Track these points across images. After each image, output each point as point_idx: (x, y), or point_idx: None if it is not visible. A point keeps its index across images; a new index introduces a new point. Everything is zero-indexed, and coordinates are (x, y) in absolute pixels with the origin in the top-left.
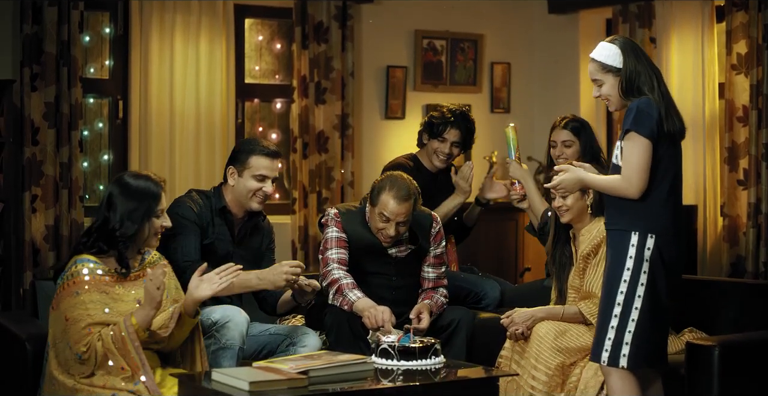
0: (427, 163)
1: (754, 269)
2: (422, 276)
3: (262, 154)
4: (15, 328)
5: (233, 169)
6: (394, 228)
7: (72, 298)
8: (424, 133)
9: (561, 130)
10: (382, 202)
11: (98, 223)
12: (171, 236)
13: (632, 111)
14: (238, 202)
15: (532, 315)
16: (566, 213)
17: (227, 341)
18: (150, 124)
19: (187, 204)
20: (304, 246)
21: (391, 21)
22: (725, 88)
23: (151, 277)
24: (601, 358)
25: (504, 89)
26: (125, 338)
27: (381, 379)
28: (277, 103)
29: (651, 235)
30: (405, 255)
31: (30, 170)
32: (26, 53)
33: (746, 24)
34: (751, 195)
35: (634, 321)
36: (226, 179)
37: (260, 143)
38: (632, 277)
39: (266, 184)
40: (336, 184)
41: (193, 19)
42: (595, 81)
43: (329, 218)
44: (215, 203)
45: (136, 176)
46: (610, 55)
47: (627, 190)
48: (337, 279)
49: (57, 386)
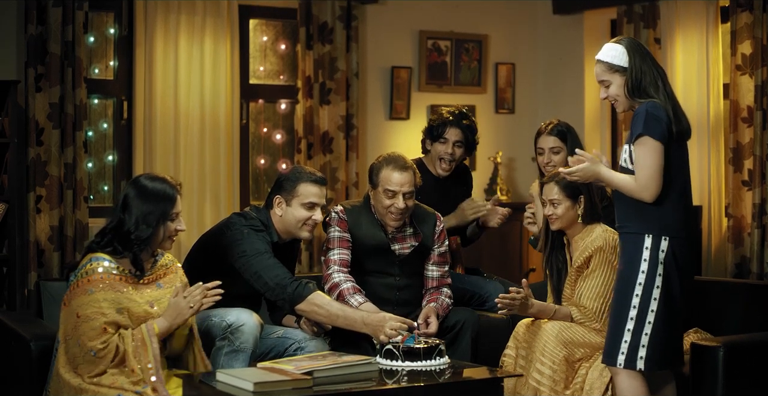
0: (432, 169)
1: (758, 270)
2: (426, 275)
3: (311, 182)
4: (20, 328)
5: (280, 199)
6: (402, 200)
7: (85, 296)
8: (426, 138)
9: (547, 137)
10: (384, 178)
11: (113, 224)
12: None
13: (641, 115)
14: (287, 231)
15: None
16: (556, 221)
17: (241, 344)
18: (154, 125)
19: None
20: (308, 247)
21: (396, 21)
22: (730, 88)
23: (186, 295)
24: (617, 361)
25: (509, 90)
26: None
27: (385, 380)
28: (282, 104)
29: (665, 237)
30: (409, 252)
31: (34, 171)
32: (31, 54)
33: (751, 24)
34: (756, 195)
35: (650, 324)
36: (270, 205)
37: (307, 171)
38: (647, 280)
39: (316, 212)
40: (341, 184)
41: (198, 19)
42: (602, 82)
43: (332, 217)
44: (271, 236)
45: (152, 179)
46: (617, 55)
47: (641, 194)
48: (338, 283)
49: (62, 384)
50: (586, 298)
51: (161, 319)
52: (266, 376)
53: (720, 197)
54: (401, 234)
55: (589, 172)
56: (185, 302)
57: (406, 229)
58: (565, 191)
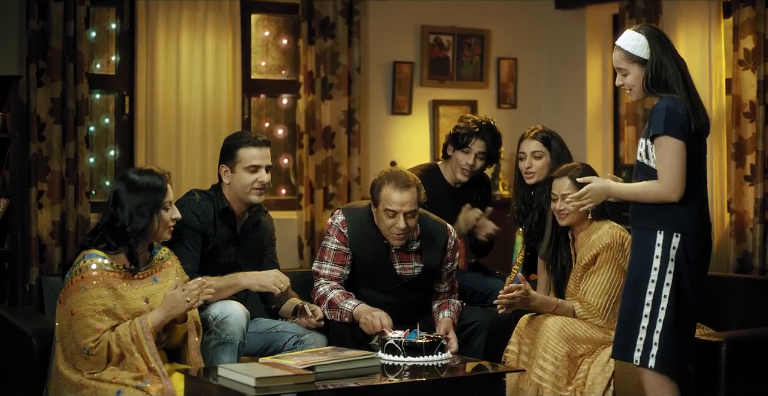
0: (449, 176)
1: (761, 265)
2: (435, 290)
3: (250, 145)
4: (21, 323)
5: (225, 167)
6: (402, 220)
7: (79, 293)
8: (449, 144)
9: (530, 141)
10: (384, 197)
11: (105, 220)
12: (171, 244)
13: (662, 112)
14: (238, 198)
15: (530, 299)
16: (566, 216)
17: (227, 336)
18: (156, 120)
19: (189, 210)
20: (310, 242)
21: (398, 16)
22: (732, 83)
23: (184, 288)
24: (633, 357)
25: (511, 85)
26: (140, 339)
27: (387, 375)
28: (284, 99)
29: (677, 234)
30: (411, 277)
31: (36, 166)
32: (32, 49)
33: (753, 19)
34: (759, 191)
35: (661, 321)
36: (221, 179)
37: (245, 135)
38: (659, 278)
39: (261, 174)
40: (343, 179)
41: (200, 14)
42: (619, 69)
43: (332, 225)
44: (218, 204)
45: (140, 172)
46: (638, 45)
47: (670, 196)
48: (324, 295)
49: (62, 381)
50: (591, 295)
51: (155, 312)
52: (268, 371)
53: (722, 192)
54: (405, 251)
55: (599, 190)
56: (182, 295)
57: (411, 244)
58: (577, 186)
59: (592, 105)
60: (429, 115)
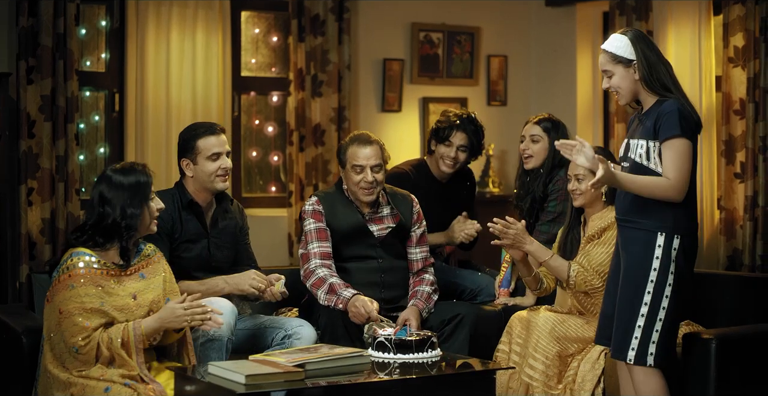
0: (435, 170)
1: (750, 262)
2: (410, 259)
3: (207, 134)
4: (11, 321)
5: (187, 161)
6: (370, 173)
7: (67, 291)
8: (432, 139)
9: (533, 126)
10: (351, 155)
11: (92, 220)
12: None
13: (674, 114)
14: (203, 188)
15: (525, 242)
16: (579, 197)
17: (215, 333)
18: (146, 117)
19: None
20: (300, 239)
21: (388, 14)
22: (722, 81)
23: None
24: (627, 356)
25: (501, 82)
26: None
27: (377, 372)
28: (274, 96)
29: (677, 235)
30: (387, 233)
31: (26, 163)
32: (22, 46)
33: (743, 17)
34: (748, 188)
35: (661, 320)
36: (183, 173)
37: (200, 126)
38: (659, 278)
39: (223, 160)
40: (333, 177)
41: (190, 11)
42: (605, 72)
43: (306, 210)
44: (181, 198)
45: (122, 171)
46: (621, 46)
47: (677, 196)
48: (324, 278)
49: (51, 379)
50: (593, 260)
51: (151, 320)
52: (258, 369)
53: (712, 190)
54: (378, 215)
55: (608, 173)
56: (182, 313)
57: (382, 209)
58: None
59: (582, 102)
60: (419, 112)
